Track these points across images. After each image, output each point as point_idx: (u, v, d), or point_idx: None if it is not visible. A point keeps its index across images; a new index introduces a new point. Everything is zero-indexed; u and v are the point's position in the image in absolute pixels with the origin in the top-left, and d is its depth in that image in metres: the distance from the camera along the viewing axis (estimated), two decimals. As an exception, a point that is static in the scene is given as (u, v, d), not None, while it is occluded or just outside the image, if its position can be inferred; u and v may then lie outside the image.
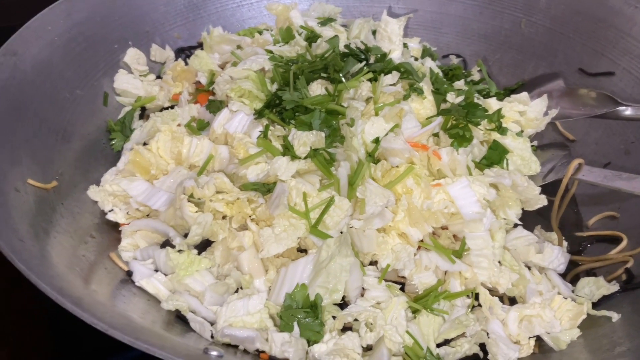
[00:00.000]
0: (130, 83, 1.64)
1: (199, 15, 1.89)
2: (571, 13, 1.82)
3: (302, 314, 1.08)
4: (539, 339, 1.19)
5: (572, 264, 1.41)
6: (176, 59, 1.78)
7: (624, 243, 1.42)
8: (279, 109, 1.36)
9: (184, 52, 1.82)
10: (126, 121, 1.56)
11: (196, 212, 1.24)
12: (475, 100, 1.46)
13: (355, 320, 1.14)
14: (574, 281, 1.35)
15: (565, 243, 1.42)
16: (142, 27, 1.77)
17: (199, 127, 1.47)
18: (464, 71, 1.79)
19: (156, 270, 1.22)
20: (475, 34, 1.98)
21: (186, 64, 1.70)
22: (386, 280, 1.21)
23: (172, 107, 1.60)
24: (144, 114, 1.64)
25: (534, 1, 1.89)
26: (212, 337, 1.09)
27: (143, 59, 1.73)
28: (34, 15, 1.52)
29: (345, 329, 1.16)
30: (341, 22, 1.94)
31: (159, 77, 1.75)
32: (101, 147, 1.53)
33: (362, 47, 1.52)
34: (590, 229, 1.52)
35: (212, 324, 1.11)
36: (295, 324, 1.07)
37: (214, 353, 0.98)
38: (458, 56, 1.96)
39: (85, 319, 0.86)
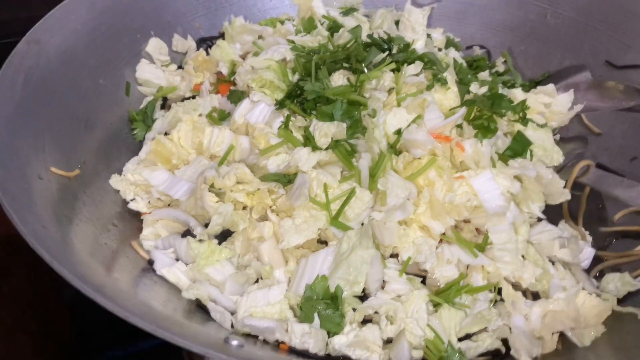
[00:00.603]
0: (153, 73, 1.65)
1: (221, 5, 1.88)
2: (598, 3, 1.78)
3: (323, 305, 1.08)
4: (562, 335, 1.18)
5: (597, 260, 1.39)
6: (198, 49, 1.78)
7: (650, 239, 1.39)
8: (300, 99, 1.35)
9: (205, 42, 1.82)
10: (148, 111, 1.56)
11: (217, 202, 1.24)
12: (500, 91, 1.44)
13: (376, 312, 1.13)
14: (599, 277, 1.33)
15: (589, 238, 1.40)
16: (164, 17, 1.77)
17: (220, 117, 1.47)
18: (488, 62, 1.77)
19: (177, 260, 1.23)
20: (500, 25, 1.95)
21: (207, 54, 1.70)
22: (407, 274, 1.20)
23: (193, 97, 1.60)
24: (165, 104, 1.64)
25: (560, -10, 1.85)
26: (232, 326, 1.09)
27: (165, 49, 1.73)
28: (55, 5, 1.53)
29: (366, 321, 1.15)
30: (363, 12, 1.92)
31: (180, 67, 1.75)
32: (123, 136, 1.53)
33: (385, 37, 1.50)
34: (616, 224, 1.49)
35: (232, 313, 1.11)
36: (315, 315, 1.07)
37: (235, 342, 0.98)
38: (482, 47, 1.93)
39: (107, 306, 0.86)
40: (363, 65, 1.37)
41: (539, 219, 1.32)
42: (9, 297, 1.37)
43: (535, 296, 1.26)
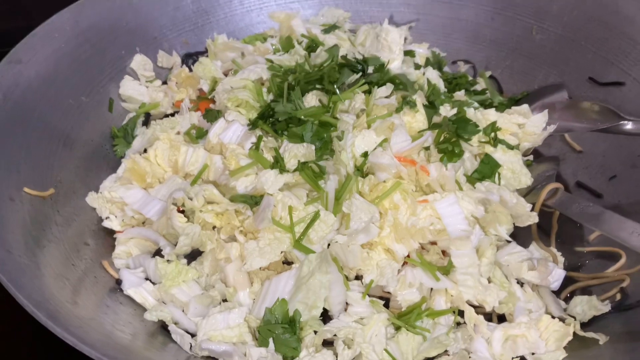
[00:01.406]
0: (136, 89, 1.67)
1: (208, 20, 1.90)
2: (584, 20, 1.78)
3: (280, 329, 1.09)
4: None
5: (569, 281, 1.39)
6: (184, 65, 1.80)
7: (623, 260, 1.38)
8: (273, 120, 1.37)
9: (191, 58, 1.84)
10: (129, 128, 1.58)
11: (186, 222, 1.26)
12: (474, 111, 1.45)
13: (335, 336, 1.14)
14: (570, 298, 1.33)
15: (562, 259, 1.40)
16: (150, 33, 1.80)
17: (198, 135, 1.49)
18: (470, 79, 1.77)
19: (147, 279, 1.25)
20: (486, 40, 1.95)
21: (191, 70, 1.72)
22: (371, 296, 1.21)
23: (174, 113, 1.63)
24: (148, 121, 1.67)
25: (546, 7, 1.85)
26: (191, 349, 1.11)
27: (150, 65, 1.75)
28: (40, 18, 1.56)
29: (328, 343, 1.16)
30: (350, 27, 1.94)
31: (165, 82, 1.77)
32: (104, 153, 1.55)
33: (361, 57, 1.51)
34: (591, 244, 1.49)
35: (194, 335, 1.13)
36: (271, 339, 1.08)
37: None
38: (467, 62, 1.94)
39: (58, 333, 0.88)
40: (335, 86, 1.39)
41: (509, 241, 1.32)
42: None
43: (502, 318, 1.27)
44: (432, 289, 1.23)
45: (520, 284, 1.30)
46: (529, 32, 1.88)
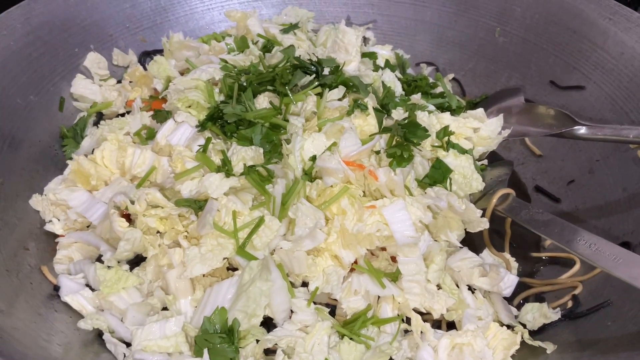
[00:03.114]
0: (88, 88, 1.63)
1: (167, 18, 1.87)
2: (546, 23, 1.77)
3: (218, 339, 1.06)
4: (469, 369, 1.16)
5: (524, 286, 1.38)
6: (141, 63, 1.76)
7: (577, 267, 1.38)
8: (222, 121, 1.34)
9: (149, 56, 1.80)
10: (78, 128, 1.54)
11: (127, 227, 1.23)
12: (429, 114, 1.43)
13: (276, 345, 1.11)
14: (523, 304, 1.32)
15: (515, 265, 1.39)
16: (105, 30, 1.76)
17: (148, 136, 1.45)
18: (431, 81, 1.75)
19: (87, 285, 1.21)
20: (449, 42, 1.94)
21: (146, 69, 1.69)
22: (317, 303, 1.18)
23: (127, 113, 1.59)
24: (100, 121, 1.63)
25: (509, 10, 1.84)
26: (124, 359, 1.07)
27: (104, 63, 1.71)
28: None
29: (270, 352, 1.13)
30: (313, 27, 1.91)
31: (120, 81, 1.73)
32: (52, 154, 1.51)
33: (315, 58, 1.48)
34: (547, 249, 1.48)
35: (129, 345, 1.10)
36: (205, 350, 1.05)
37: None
38: (430, 64, 1.92)
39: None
40: (288, 88, 1.36)
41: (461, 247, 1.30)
42: None
43: (451, 325, 1.25)
44: (378, 296, 1.20)
45: (472, 290, 1.29)
46: (492, 35, 1.87)
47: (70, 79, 1.64)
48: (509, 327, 1.22)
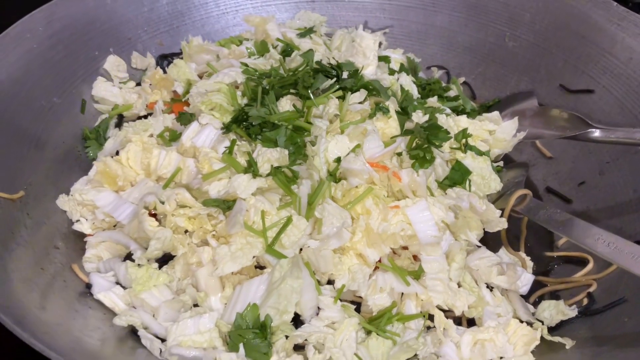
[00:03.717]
0: (109, 90, 1.66)
1: (183, 22, 1.90)
2: (554, 28, 1.81)
3: (251, 334, 1.09)
4: (491, 364, 1.20)
5: (538, 285, 1.42)
6: (158, 66, 1.79)
7: (590, 266, 1.42)
8: (247, 124, 1.37)
9: (166, 59, 1.83)
10: (101, 129, 1.57)
11: (157, 226, 1.26)
12: (446, 117, 1.47)
13: (306, 340, 1.15)
14: (538, 302, 1.35)
15: (530, 264, 1.42)
16: (124, 33, 1.78)
17: (171, 138, 1.48)
18: (444, 85, 1.79)
19: (117, 283, 1.24)
20: (460, 47, 1.97)
21: (165, 72, 1.72)
22: (343, 300, 1.22)
23: (148, 115, 1.62)
24: (121, 122, 1.65)
25: (518, 15, 1.88)
26: (161, 354, 1.10)
27: (123, 66, 1.74)
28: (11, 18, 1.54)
29: (299, 347, 1.17)
30: (326, 31, 1.95)
31: (139, 84, 1.76)
32: (76, 155, 1.54)
33: (335, 62, 1.52)
34: (560, 249, 1.51)
35: (164, 340, 1.13)
36: (241, 345, 1.08)
37: (152, 376, 1.00)
38: (440, 68, 1.96)
39: (25, 339, 0.88)
40: (309, 91, 1.39)
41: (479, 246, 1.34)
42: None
43: (471, 322, 1.28)
44: (402, 293, 1.24)
45: (490, 288, 1.32)
46: (502, 40, 1.90)
47: (90, 81, 1.67)
48: (527, 323, 1.26)
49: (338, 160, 1.28)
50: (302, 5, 2.02)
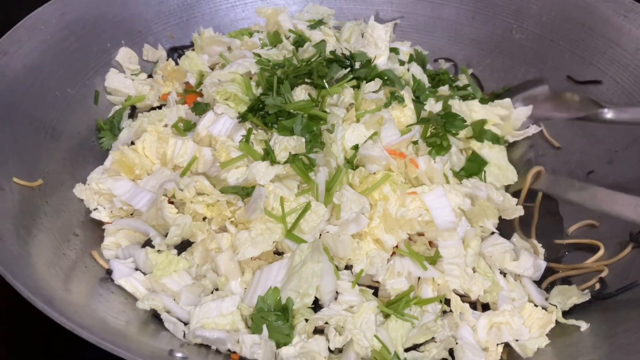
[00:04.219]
0: (121, 82, 1.67)
1: (193, 15, 1.91)
2: (561, 20, 1.83)
3: (273, 317, 1.11)
4: (507, 346, 1.21)
5: (550, 271, 1.43)
6: (169, 58, 1.80)
7: (601, 252, 1.43)
8: (262, 113, 1.38)
9: (176, 52, 1.84)
10: (115, 120, 1.58)
11: (176, 213, 1.27)
12: (459, 102, 1.48)
13: (326, 323, 1.16)
14: (549, 288, 1.37)
15: (542, 250, 1.44)
16: (135, 26, 1.80)
17: (186, 128, 1.49)
18: (451, 76, 1.81)
19: (136, 269, 1.26)
20: (467, 39, 1.99)
21: (177, 63, 1.73)
22: (360, 285, 1.23)
23: (161, 106, 1.63)
24: (134, 113, 1.66)
25: (525, 7, 1.90)
26: (184, 337, 1.12)
27: (135, 58, 1.75)
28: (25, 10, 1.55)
29: (319, 331, 1.18)
30: (334, 24, 1.96)
31: (150, 76, 1.77)
32: (90, 145, 1.55)
33: (348, 53, 1.54)
34: (570, 236, 1.53)
35: (186, 323, 1.14)
36: (264, 326, 1.10)
37: (179, 355, 1.01)
38: (448, 60, 1.97)
39: (55, 318, 0.89)
40: (324, 80, 1.41)
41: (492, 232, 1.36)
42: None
43: (486, 307, 1.30)
44: (419, 278, 1.25)
45: (503, 274, 1.34)
46: (509, 32, 1.92)
47: (103, 73, 1.68)
48: (542, 308, 1.28)
49: (356, 147, 1.29)
50: (311, -1, 2.03)
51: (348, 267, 1.26)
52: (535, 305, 1.27)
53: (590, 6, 1.79)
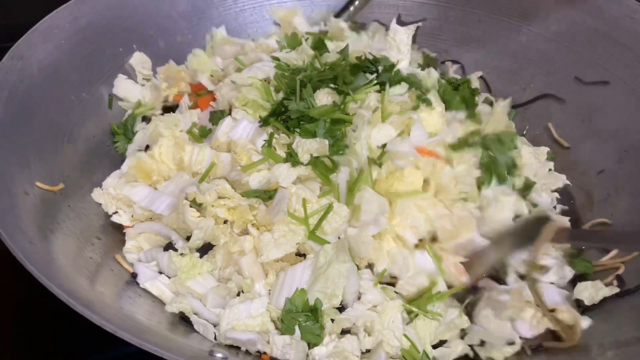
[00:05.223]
0: (129, 88, 1.66)
1: (202, 19, 1.92)
2: (567, 22, 1.85)
3: (303, 317, 1.12)
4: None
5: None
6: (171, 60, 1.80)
7: (615, 250, 1.45)
8: (284, 117, 1.38)
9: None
10: (128, 124, 1.58)
11: (198, 217, 1.27)
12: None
13: (354, 324, 1.17)
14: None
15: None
16: (146, 30, 1.80)
17: (202, 134, 1.49)
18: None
19: (160, 273, 1.26)
20: (473, 41, 2.01)
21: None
22: (381, 283, 1.24)
23: (168, 109, 1.64)
24: (148, 117, 1.66)
25: (532, 10, 1.92)
26: (215, 338, 1.12)
27: (148, 63, 1.75)
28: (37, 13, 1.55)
29: (344, 332, 1.19)
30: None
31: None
32: (105, 149, 1.55)
33: (371, 57, 1.53)
34: (584, 235, 1.55)
35: (214, 325, 1.15)
36: (296, 326, 1.11)
37: (219, 355, 1.02)
38: (454, 62, 1.99)
39: (96, 320, 0.89)
40: (349, 87, 1.41)
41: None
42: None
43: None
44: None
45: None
46: (516, 34, 1.94)
47: (116, 77, 1.68)
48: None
49: (383, 146, 1.30)
50: (317, 2, 2.04)
51: (367, 266, 1.27)
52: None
53: (597, 8, 1.80)
